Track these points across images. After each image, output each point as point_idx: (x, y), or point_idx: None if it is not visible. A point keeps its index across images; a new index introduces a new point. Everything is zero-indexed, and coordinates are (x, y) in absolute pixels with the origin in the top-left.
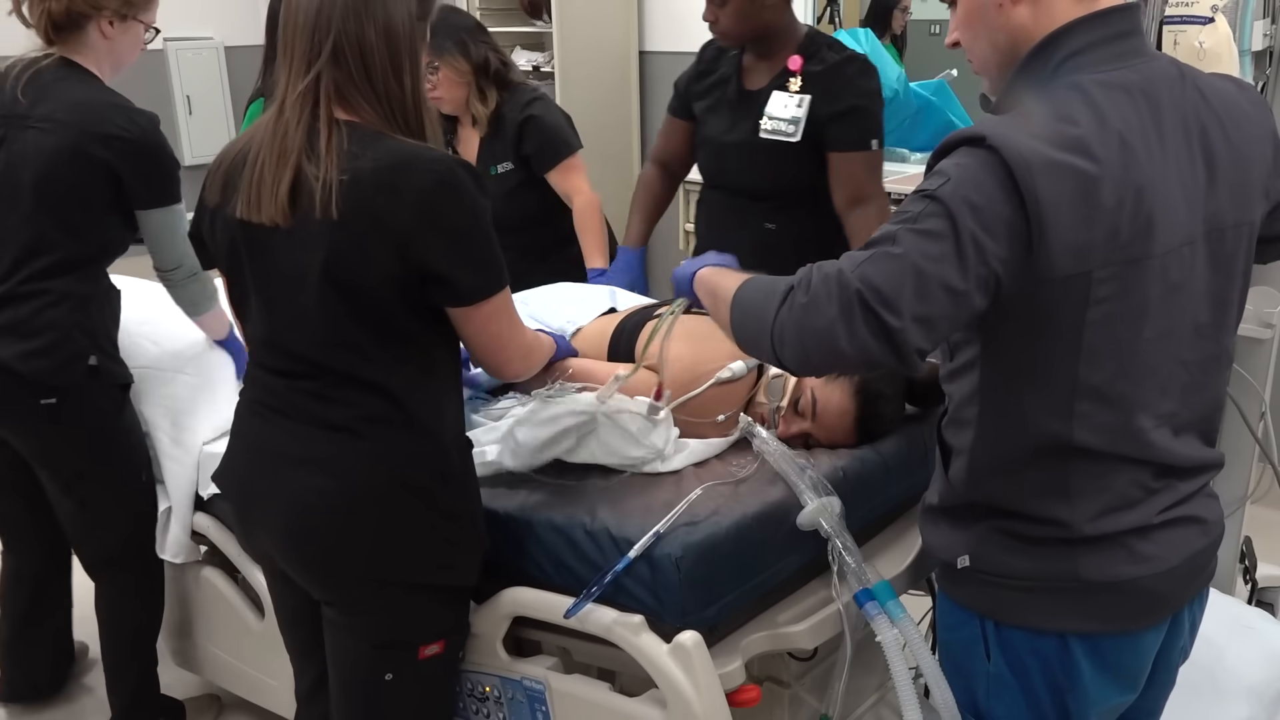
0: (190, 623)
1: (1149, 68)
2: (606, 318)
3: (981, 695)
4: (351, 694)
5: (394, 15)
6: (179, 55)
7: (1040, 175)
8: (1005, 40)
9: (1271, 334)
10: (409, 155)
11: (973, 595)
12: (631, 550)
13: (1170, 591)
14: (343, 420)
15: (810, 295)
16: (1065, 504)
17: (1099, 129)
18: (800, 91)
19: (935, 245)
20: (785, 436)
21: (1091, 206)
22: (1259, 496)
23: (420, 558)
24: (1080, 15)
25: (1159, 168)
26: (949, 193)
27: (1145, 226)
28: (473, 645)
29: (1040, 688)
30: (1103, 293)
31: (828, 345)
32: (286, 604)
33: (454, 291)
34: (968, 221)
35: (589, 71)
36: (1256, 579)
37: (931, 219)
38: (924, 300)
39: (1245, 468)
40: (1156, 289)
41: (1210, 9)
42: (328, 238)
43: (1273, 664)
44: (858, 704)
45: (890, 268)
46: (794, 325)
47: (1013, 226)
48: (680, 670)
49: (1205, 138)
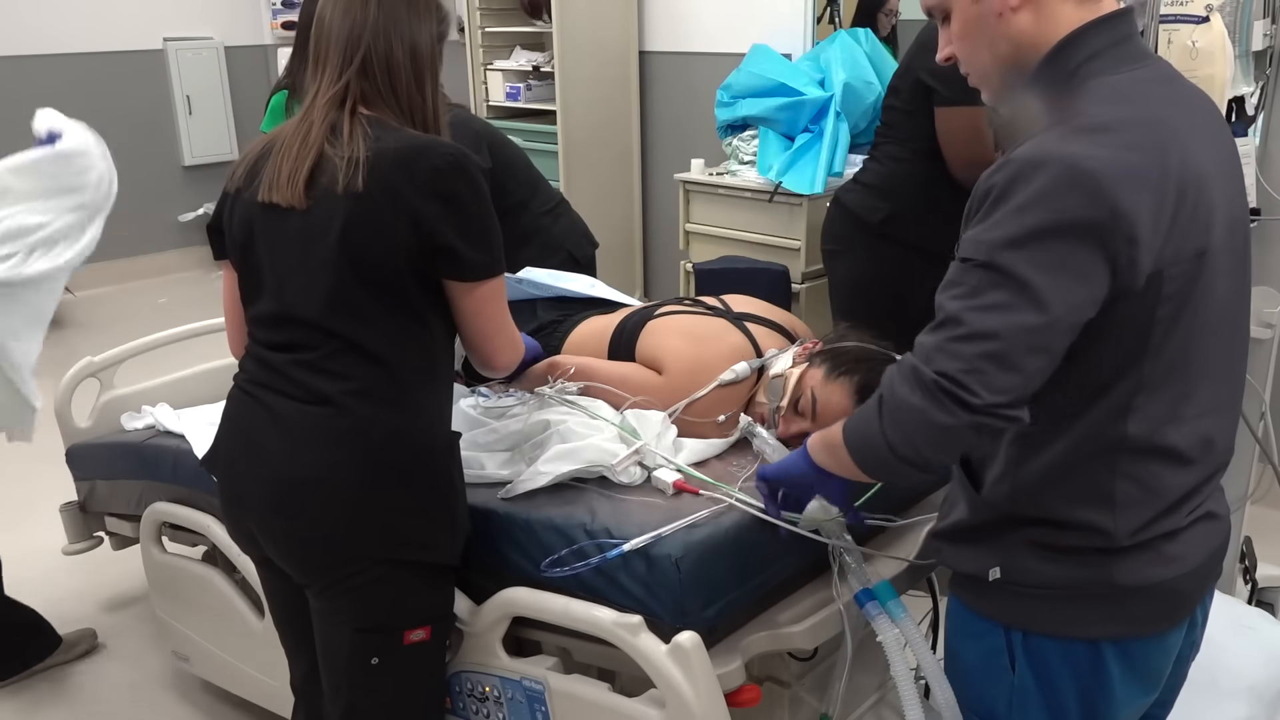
0: (190, 622)
1: (1158, 66)
2: (607, 317)
3: (1003, 706)
4: (339, 681)
5: (419, 37)
6: (179, 55)
7: (1120, 186)
8: (1008, 48)
9: (1271, 334)
10: (427, 141)
11: (1000, 607)
12: (628, 544)
13: (1193, 590)
14: (335, 393)
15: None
16: (1109, 513)
17: (1149, 122)
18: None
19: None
20: (785, 436)
21: (1163, 204)
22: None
23: (400, 535)
24: (1089, 19)
25: (1207, 157)
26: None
27: (1206, 218)
28: (472, 645)
29: (1068, 696)
30: (1171, 289)
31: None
32: (276, 594)
33: (459, 264)
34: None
35: (589, 71)
36: (1256, 579)
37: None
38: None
39: (1245, 468)
40: (1211, 282)
41: (1205, 8)
42: (346, 208)
43: (1273, 664)
44: (858, 704)
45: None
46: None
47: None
48: (679, 671)
49: (1221, 129)
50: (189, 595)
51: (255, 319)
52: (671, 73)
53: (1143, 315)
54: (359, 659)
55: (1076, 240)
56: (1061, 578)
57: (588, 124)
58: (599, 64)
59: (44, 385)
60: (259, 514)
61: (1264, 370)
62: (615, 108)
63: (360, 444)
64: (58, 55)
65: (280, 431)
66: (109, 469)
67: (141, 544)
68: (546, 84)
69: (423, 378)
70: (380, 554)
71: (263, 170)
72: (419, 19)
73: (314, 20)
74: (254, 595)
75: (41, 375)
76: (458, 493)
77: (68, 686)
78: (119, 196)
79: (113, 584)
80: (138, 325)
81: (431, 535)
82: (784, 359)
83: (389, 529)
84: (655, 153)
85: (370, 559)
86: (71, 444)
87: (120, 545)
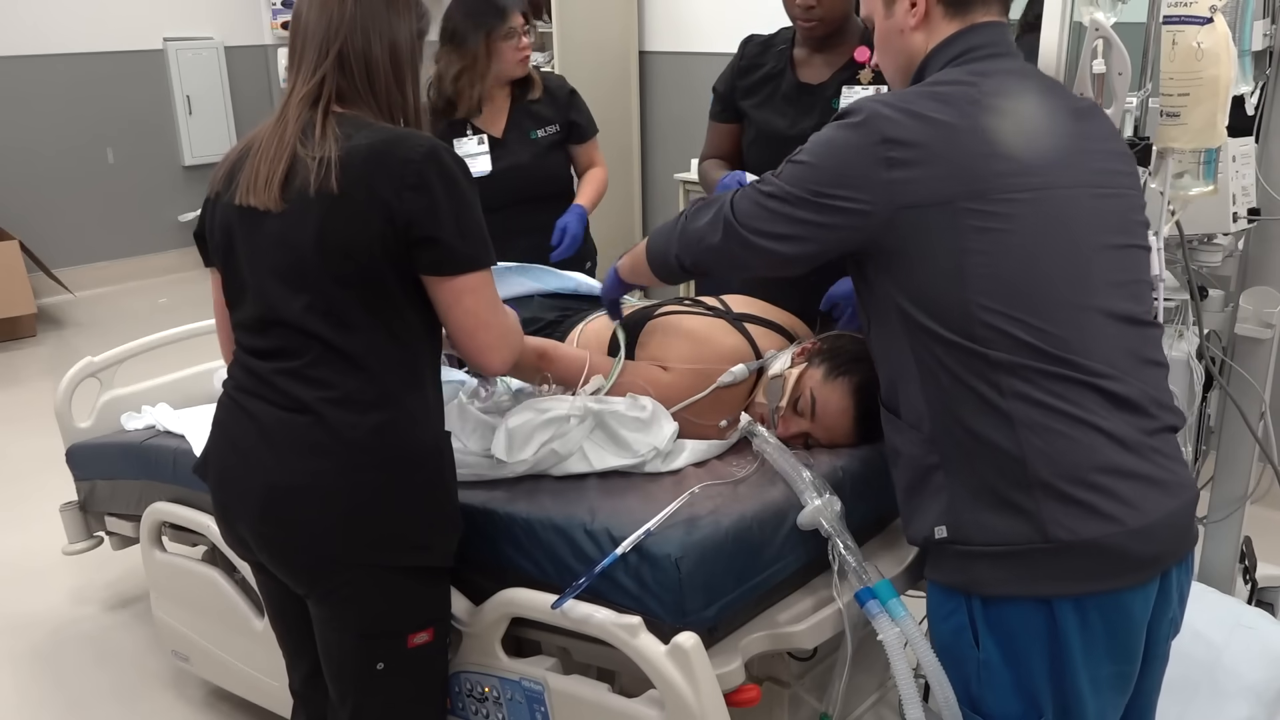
0: (190, 622)
1: (1023, 62)
2: (607, 317)
3: (974, 684)
4: (345, 687)
5: (398, 34)
6: (179, 55)
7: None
8: (904, 60)
9: (1271, 334)
10: (400, 134)
11: (954, 572)
12: (619, 547)
13: (1147, 552)
14: (314, 400)
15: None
16: (1010, 432)
17: (967, 92)
18: (874, 83)
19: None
20: (785, 436)
21: (955, 148)
22: (1259, 496)
23: (392, 540)
24: (959, 28)
25: (1033, 121)
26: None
27: (1020, 171)
28: (471, 645)
29: (1030, 667)
30: (973, 223)
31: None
32: (273, 598)
33: (434, 256)
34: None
35: (589, 71)
36: (1256, 579)
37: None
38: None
39: (1245, 468)
40: (1041, 223)
41: (1209, 9)
42: (321, 210)
43: (1273, 664)
44: (858, 704)
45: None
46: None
47: None
48: (678, 672)
49: (1064, 100)
50: (189, 595)
51: (240, 324)
52: (671, 73)
53: (951, 240)
54: (365, 665)
55: (854, 149)
56: (1001, 533)
57: None
58: (599, 64)
59: (44, 385)
60: (249, 523)
61: (1264, 370)
62: (615, 108)
63: (343, 451)
64: (58, 55)
65: (266, 440)
66: (109, 469)
67: (141, 544)
68: None
69: (406, 380)
70: (374, 560)
71: (240, 173)
72: (398, 16)
73: (292, 17)
74: (254, 595)
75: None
76: (449, 493)
77: (68, 686)
78: (119, 196)
79: (113, 584)
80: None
81: (424, 538)
82: (783, 359)
83: (380, 535)
84: (655, 153)
85: (364, 566)
86: (71, 444)
87: (120, 545)
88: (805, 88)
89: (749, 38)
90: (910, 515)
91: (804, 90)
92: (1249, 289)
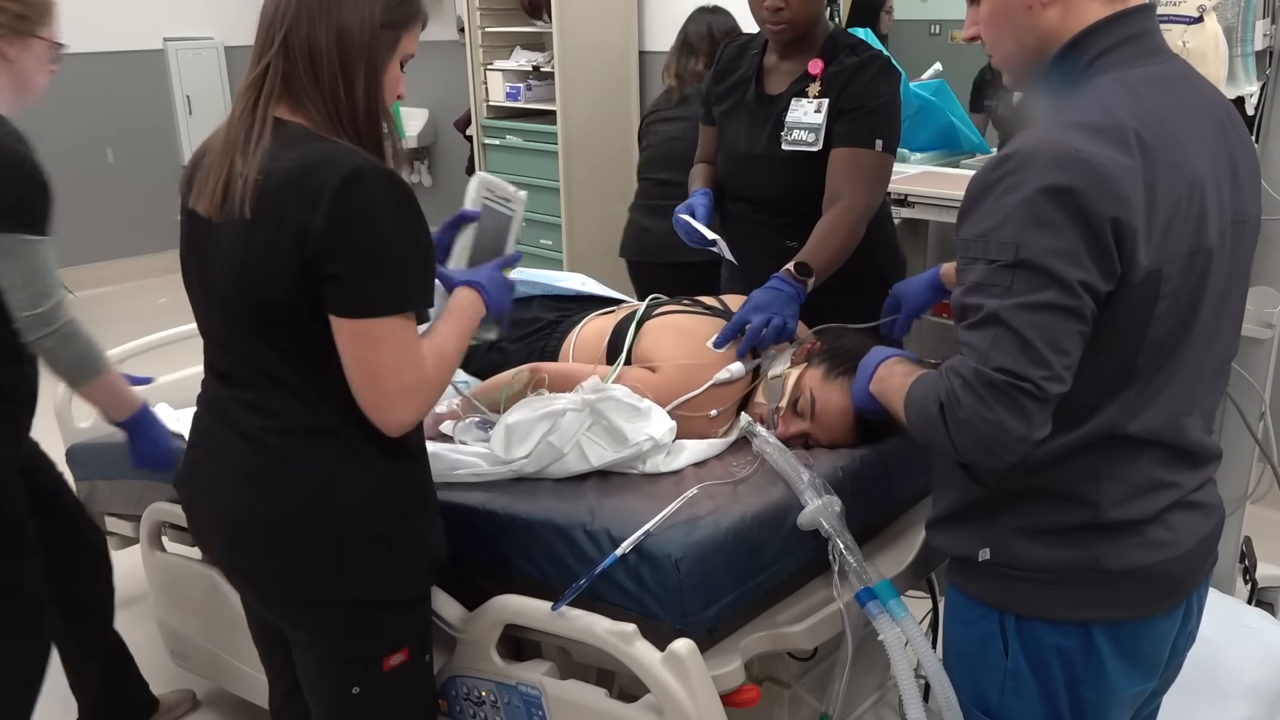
0: (190, 622)
1: (1173, 64)
2: (605, 318)
3: (995, 692)
4: (322, 711)
5: (349, 21)
6: (179, 55)
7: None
8: (1033, 41)
9: (1271, 334)
10: (326, 156)
11: (991, 589)
12: (619, 548)
13: (1182, 576)
14: (273, 433)
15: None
16: (1094, 488)
17: (1148, 123)
18: (819, 96)
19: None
20: (785, 437)
21: (1154, 203)
22: (1259, 496)
23: (349, 575)
24: (1108, 14)
25: (1204, 161)
26: (1030, 255)
27: (1198, 220)
28: (467, 650)
29: (1059, 681)
30: (1168, 288)
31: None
32: (251, 616)
33: (331, 293)
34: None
35: (589, 71)
36: (1256, 579)
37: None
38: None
39: (1245, 468)
40: (1205, 282)
41: (1197, 9)
42: (243, 235)
43: (1273, 664)
44: (858, 704)
45: (1013, 344)
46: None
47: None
48: (674, 679)
49: (1225, 130)
50: (189, 595)
51: (203, 333)
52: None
53: (1141, 308)
54: (339, 690)
55: (1083, 228)
56: (1050, 561)
57: (588, 124)
58: (599, 64)
59: (44, 386)
60: (216, 549)
61: (1264, 370)
62: (615, 108)
63: (306, 486)
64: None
65: (221, 465)
66: (109, 469)
67: (141, 544)
68: (546, 84)
69: (349, 409)
70: (332, 595)
71: (197, 174)
72: (352, 1)
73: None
74: None
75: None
76: (414, 526)
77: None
78: (119, 196)
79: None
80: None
81: (384, 572)
82: (782, 359)
83: (338, 571)
84: None
85: (324, 600)
86: (71, 444)
87: (120, 545)
88: (765, 98)
89: (729, 40)
90: (947, 531)
91: (763, 102)
92: (1249, 289)
